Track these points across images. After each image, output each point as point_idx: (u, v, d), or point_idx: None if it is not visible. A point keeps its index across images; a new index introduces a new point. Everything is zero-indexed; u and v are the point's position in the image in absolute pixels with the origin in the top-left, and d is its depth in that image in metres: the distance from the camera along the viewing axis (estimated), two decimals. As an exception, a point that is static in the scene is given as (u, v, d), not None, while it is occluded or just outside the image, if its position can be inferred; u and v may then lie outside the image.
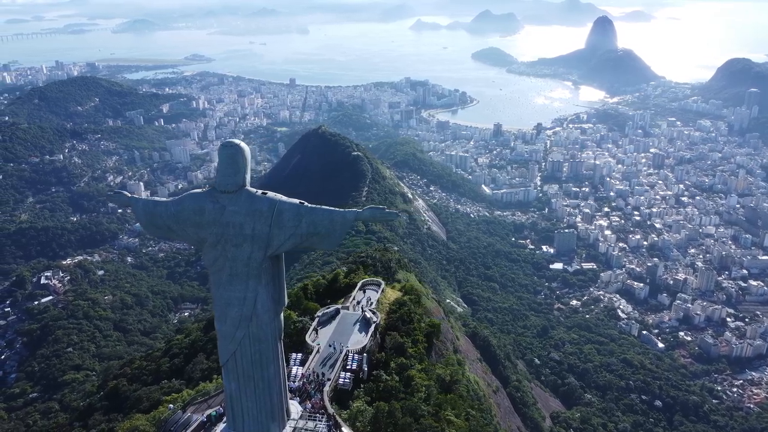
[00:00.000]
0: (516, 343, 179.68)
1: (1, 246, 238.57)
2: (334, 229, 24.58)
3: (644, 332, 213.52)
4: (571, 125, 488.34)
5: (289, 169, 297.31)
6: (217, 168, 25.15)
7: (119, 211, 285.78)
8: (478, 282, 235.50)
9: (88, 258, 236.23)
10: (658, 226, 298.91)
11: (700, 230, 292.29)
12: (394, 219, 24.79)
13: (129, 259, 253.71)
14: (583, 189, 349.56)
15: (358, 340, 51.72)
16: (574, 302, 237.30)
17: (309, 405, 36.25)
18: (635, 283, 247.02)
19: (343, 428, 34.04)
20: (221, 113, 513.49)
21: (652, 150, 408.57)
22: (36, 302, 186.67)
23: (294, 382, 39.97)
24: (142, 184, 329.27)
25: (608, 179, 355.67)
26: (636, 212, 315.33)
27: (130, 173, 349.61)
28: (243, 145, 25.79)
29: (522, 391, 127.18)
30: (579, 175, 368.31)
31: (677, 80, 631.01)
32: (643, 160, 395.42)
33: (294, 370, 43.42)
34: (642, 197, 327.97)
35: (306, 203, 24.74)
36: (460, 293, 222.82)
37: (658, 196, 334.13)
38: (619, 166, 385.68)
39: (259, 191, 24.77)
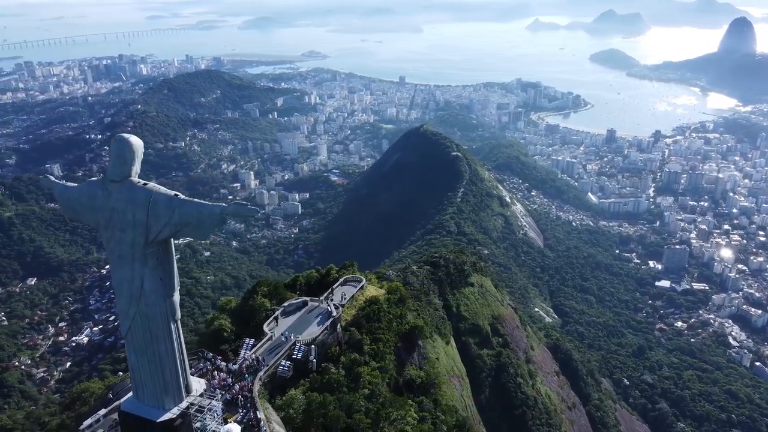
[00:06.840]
0: (604, 360, 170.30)
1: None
2: (202, 221, 26.15)
3: (758, 363, 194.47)
4: (694, 134, 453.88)
5: (388, 166, 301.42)
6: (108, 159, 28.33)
7: (229, 197, 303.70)
8: (573, 293, 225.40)
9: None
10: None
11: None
12: (255, 215, 26.04)
13: (234, 243, 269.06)
14: (702, 203, 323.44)
15: (313, 331, 52.28)
16: (679, 324, 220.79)
17: (238, 387, 37.68)
18: (752, 309, 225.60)
19: (259, 412, 35.10)
20: (331, 108, 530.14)
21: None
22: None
23: (235, 364, 41.60)
24: (252, 173, 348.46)
25: (732, 194, 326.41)
26: (761, 232, 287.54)
27: (242, 162, 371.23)
28: (133, 139, 27.70)
29: (603, 411, 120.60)
30: (698, 188, 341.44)
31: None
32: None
33: (241, 353, 45.47)
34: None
35: (180, 195, 26.74)
36: (551, 303, 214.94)
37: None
38: (746, 181, 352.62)
39: (141, 182, 26.76)
